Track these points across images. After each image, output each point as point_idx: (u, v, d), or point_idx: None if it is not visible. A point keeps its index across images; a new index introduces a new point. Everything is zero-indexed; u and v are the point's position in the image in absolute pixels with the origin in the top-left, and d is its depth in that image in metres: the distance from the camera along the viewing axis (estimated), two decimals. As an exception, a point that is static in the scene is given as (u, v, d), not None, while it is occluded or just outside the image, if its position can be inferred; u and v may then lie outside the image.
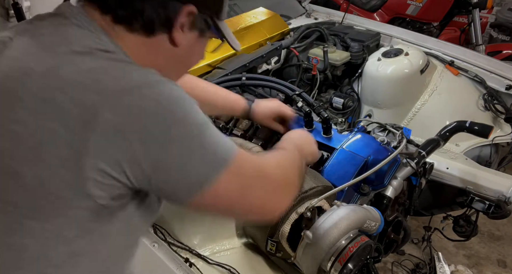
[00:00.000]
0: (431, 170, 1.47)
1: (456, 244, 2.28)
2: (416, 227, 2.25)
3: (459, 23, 3.79)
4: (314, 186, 1.09)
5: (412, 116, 2.05)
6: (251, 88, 1.58)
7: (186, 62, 0.80)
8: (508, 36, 3.76)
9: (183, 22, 0.69)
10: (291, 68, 2.08)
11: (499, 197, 1.50)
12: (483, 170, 1.63)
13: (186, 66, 0.82)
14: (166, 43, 0.71)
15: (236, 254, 1.17)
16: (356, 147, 1.29)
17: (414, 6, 3.55)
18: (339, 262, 0.93)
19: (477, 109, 2.01)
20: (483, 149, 1.91)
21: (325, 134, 1.37)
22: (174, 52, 0.73)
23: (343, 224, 0.97)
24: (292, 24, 2.30)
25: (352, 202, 1.26)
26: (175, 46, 0.71)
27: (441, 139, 1.43)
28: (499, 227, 2.45)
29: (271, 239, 1.09)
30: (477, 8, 2.99)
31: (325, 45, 2.02)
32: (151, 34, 0.69)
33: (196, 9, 0.69)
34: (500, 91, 2.01)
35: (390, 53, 2.03)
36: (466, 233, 1.67)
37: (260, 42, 1.98)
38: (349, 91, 2.11)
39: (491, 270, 2.19)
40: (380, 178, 1.28)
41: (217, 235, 1.19)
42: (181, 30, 0.70)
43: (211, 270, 1.08)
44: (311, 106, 1.38)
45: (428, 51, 2.18)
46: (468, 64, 2.12)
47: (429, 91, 2.06)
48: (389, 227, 1.24)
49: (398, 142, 1.35)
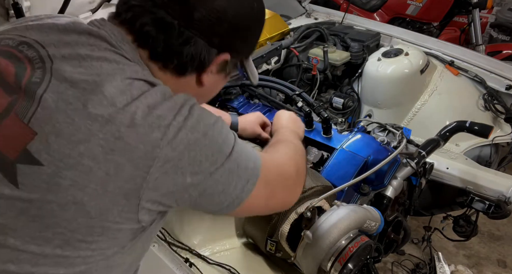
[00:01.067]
0: (431, 170, 1.47)
1: (456, 244, 2.28)
2: (416, 227, 2.25)
3: (459, 23, 3.79)
4: (314, 186, 1.09)
5: (412, 116, 2.05)
6: (251, 88, 1.58)
7: (206, 97, 0.84)
8: (508, 36, 3.76)
9: (215, 66, 0.72)
10: (291, 68, 2.08)
11: (499, 197, 1.50)
12: (483, 170, 1.63)
13: (205, 100, 0.85)
14: (193, 82, 0.73)
15: (236, 254, 1.17)
16: (356, 147, 1.29)
17: (414, 6, 3.55)
18: (339, 262, 0.93)
19: (477, 109, 2.01)
20: (483, 149, 1.91)
21: (325, 134, 1.37)
22: (198, 90, 0.75)
23: (343, 224, 0.97)
24: (292, 24, 2.30)
25: (352, 202, 1.26)
26: (201, 86, 0.74)
27: (441, 139, 1.42)
28: (499, 227, 2.45)
29: (271, 239, 1.09)
30: (477, 8, 2.99)
31: (325, 45, 2.02)
32: (182, 75, 0.71)
33: (230, 56, 0.72)
34: (500, 91, 2.01)
35: (390, 53, 2.03)
36: (466, 233, 1.67)
37: (260, 42, 1.98)
38: (349, 91, 2.10)
39: (491, 270, 2.19)
40: (380, 178, 1.28)
41: (217, 235, 1.19)
42: (210, 73, 0.72)
43: (211, 270, 1.08)
44: (311, 106, 1.38)
45: (428, 51, 2.18)
46: (468, 64, 2.12)
47: (429, 91, 2.06)
48: (389, 227, 1.23)
49: (398, 142, 1.35)
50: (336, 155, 1.28)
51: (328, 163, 1.27)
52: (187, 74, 0.71)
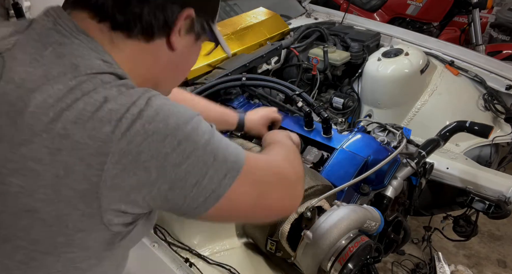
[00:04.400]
0: (431, 170, 1.47)
1: (456, 244, 2.28)
2: (416, 227, 2.25)
3: (459, 23, 3.79)
4: (314, 185, 1.09)
5: (412, 116, 2.05)
6: (251, 88, 1.58)
7: (182, 67, 0.78)
8: (508, 36, 3.76)
9: (181, 26, 0.68)
10: (291, 68, 2.08)
11: (499, 197, 1.50)
12: (483, 170, 1.63)
13: (182, 71, 0.80)
14: (164, 48, 0.69)
15: (236, 254, 1.17)
16: (356, 147, 1.29)
17: (414, 6, 3.56)
18: (339, 262, 0.93)
19: (477, 109, 2.01)
20: (483, 149, 1.91)
21: (325, 134, 1.37)
22: (171, 56, 0.71)
23: (343, 224, 0.97)
24: (292, 24, 2.30)
25: (352, 202, 1.26)
26: (172, 50, 0.70)
27: (441, 139, 1.42)
28: (499, 227, 2.45)
29: (271, 239, 1.09)
30: (477, 8, 2.99)
31: (325, 45, 2.02)
32: (150, 39, 0.67)
33: (194, 12, 0.68)
34: (500, 91, 2.02)
35: (390, 53, 2.03)
36: (466, 233, 1.67)
37: (260, 42, 1.98)
38: (349, 91, 2.11)
39: (491, 270, 2.19)
40: (380, 178, 1.28)
41: (217, 235, 1.19)
42: (178, 34, 0.69)
43: (211, 270, 1.08)
44: (311, 106, 1.38)
45: (428, 51, 2.18)
46: (468, 64, 2.12)
47: (429, 91, 2.06)
48: (389, 227, 1.24)
49: (398, 142, 1.35)
50: (336, 155, 1.28)
51: (328, 163, 1.27)
52: (155, 38, 0.67)
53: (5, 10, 1.38)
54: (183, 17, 0.67)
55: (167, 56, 0.71)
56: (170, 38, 0.68)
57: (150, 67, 0.70)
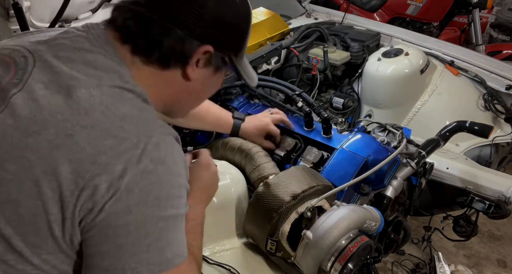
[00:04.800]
0: (431, 170, 1.47)
1: (456, 244, 2.28)
2: (416, 227, 2.25)
3: (459, 23, 3.79)
4: (314, 185, 1.09)
5: (412, 116, 2.04)
6: (251, 88, 1.58)
7: (198, 95, 0.82)
8: (508, 36, 3.76)
9: (199, 58, 0.71)
10: (291, 68, 2.08)
11: (499, 197, 1.50)
12: (483, 170, 1.63)
13: (199, 98, 0.84)
14: (179, 76, 0.72)
15: (236, 254, 1.17)
16: (356, 147, 1.29)
17: (414, 6, 3.55)
18: (339, 262, 0.93)
19: (477, 109, 2.01)
20: (483, 149, 1.91)
21: (325, 134, 1.37)
22: (186, 85, 0.74)
23: (343, 224, 0.97)
24: (292, 24, 2.30)
25: (352, 202, 1.26)
26: (187, 80, 0.73)
27: (441, 139, 1.42)
28: (499, 227, 2.45)
29: (271, 239, 1.09)
30: (477, 8, 2.99)
31: (325, 45, 2.02)
32: (166, 67, 0.70)
33: (213, 49, 0.71)
34: (500, 91, 2.01)
35: (390, 53, 2.03)
36: (466, 233, 1.67)
37: (260, 42, 1.98)
38: (349, 91, 2.10)
39: (491, 270, 2.19)
40: (380, 178, 1.28)
41: (217, 235, 1.19)
42: (195, 66, 0.72)
43: (211, 270, 1.08)
44: (311, 106, 1.38)
45: (428, 51, 2.18)
46: (468, 64, 2.12)
47: (429, 91, 2.06)
48: (389, 227, 1.23)
49: (398, 142, 1.35)
50: (336, 155, 1.28)
51: (328, 163, 1.27)
52: (171, 67, 0.71)
53: (5, 10, 1.38)
54: (201, 52, 0.70)
55: (183, 85, 0.74)
56: (186, 69, 0.71)
57: (166, 92, 0.74)
